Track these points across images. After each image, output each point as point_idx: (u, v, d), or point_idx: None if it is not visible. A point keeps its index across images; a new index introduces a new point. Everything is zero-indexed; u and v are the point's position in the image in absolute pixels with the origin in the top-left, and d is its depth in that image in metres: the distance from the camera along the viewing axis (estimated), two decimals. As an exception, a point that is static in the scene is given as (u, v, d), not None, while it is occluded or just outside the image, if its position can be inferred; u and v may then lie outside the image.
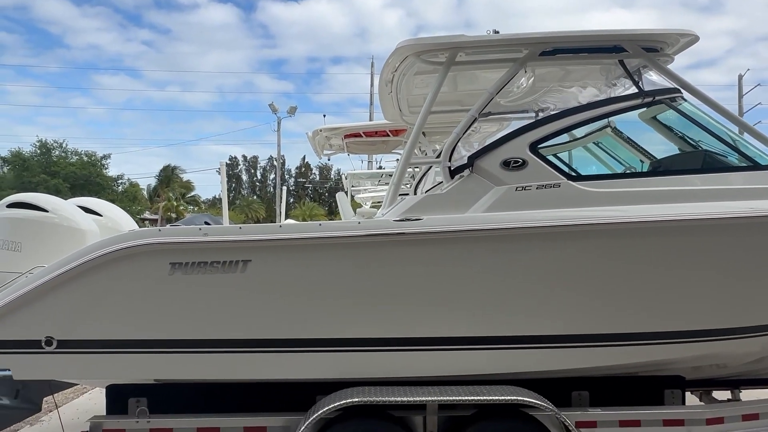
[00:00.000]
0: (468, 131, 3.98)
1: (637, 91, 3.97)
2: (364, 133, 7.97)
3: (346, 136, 7.97)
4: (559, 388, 3.88)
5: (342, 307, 3.64)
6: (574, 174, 3.81)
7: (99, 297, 3.61)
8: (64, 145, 42.09)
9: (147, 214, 55.07)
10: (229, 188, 79.13)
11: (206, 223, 6.58)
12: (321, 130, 7.81)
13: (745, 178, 3.82)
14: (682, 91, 4.00)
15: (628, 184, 3.80)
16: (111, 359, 3.67)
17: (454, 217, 3.60)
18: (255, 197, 74.49)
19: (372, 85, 41.24)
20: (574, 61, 4.18)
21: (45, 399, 4.53)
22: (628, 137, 4.37)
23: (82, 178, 39.68)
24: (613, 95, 4.21)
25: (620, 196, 3.67)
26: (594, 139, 4.69)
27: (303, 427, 3.47)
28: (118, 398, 4.04)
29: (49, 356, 3.66)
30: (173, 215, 56.90)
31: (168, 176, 58.69)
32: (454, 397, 3.49)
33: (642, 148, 4.62)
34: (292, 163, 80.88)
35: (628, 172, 4.36)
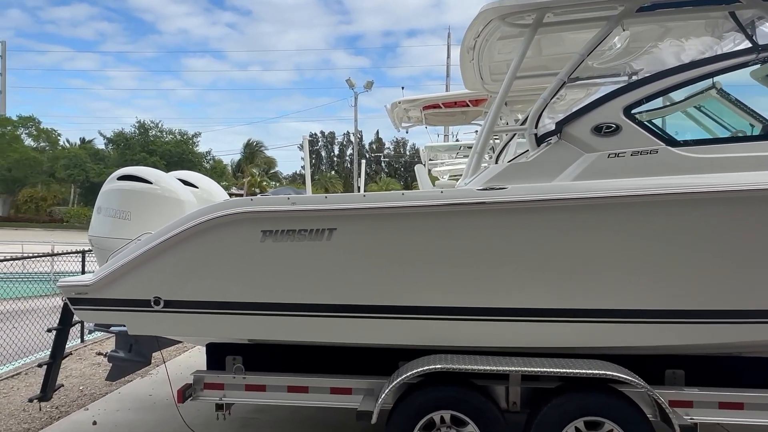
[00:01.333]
0: (555, 97, 3.80)
1: (750, 45, 3.59)
2: (443, 104, 7.83)
3: (425, 108, 7.89)
4: (652, 366, 3.71)
5: (423, 275, 3.67)
6: (673, 139, 3.54)
7: (198, 261, 3.88)
8: (159, 125, 45.18)
9: (234, 189, 58.10)
10: (310, 164, 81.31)
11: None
12: (399, 103, 7.78)
13: None
14: None
15: (737, 149, 3.48)
16: (209, 320, 3.96)
17: (541, 186, 3.49)
18: (332, 173, 76.21)
19: (449, 56, 40.41)
20: (676, 16, 3.84)
21: (153, 354, 5.00)
22: (736, 99, 3.97)
23: (176, 155, 42.52)
24: (719, 52, 3.85)
25: (726, 162, 3.37)
26: (696, 102, 4.31)
27: (387, 390, 3.58)
28: (217, 355, 4.38)
29: (157, 314, 4.01)
30: (257, 190, 59.70)
31: (252, 152, 61.26)
32: (545, 369, 3.45)
33: (753, 110, 4.19)
34: (367, 138, 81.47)
35: (735, 136, 3.98)
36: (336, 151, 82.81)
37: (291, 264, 3.79)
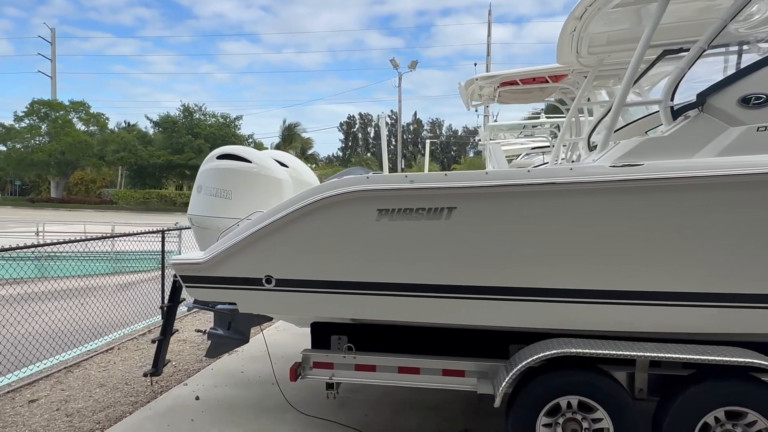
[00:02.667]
0: (692, 66, 3.54)
1: None
2: (520, 80, 7.55)
3: (501, 84, 7.63)
4: None
5: (546, 256, 3.53)
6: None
7: (312, 240, 3.85)
8: (203, 109, 45.93)
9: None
10: (346, 146, 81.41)
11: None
12: (477, 79, 7.53)
13: None
14: None
15: None
16: (320, 299, 3.93)
17: (683, 162, 3.27)
18: (369, 155, 76.17)
19: (489, 35, 39.30)
20: None
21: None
22: None
23: (220, 138, 43.18)
24: None
25: None
26: None
27: (515, 372, 3.47)
28: (322, 335, 4.38)
29: (268, 293, 4.01)
30: (295, 172, 60.36)
31: (290, 134, 61.71)
32: (690, 356, 3.27)
33: None
34: (405, 119, 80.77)
35: None
36: (372, 133, 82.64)
37: (407, 243, 3.71)
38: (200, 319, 7.98)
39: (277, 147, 61.80)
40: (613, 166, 3.38)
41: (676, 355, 3.28)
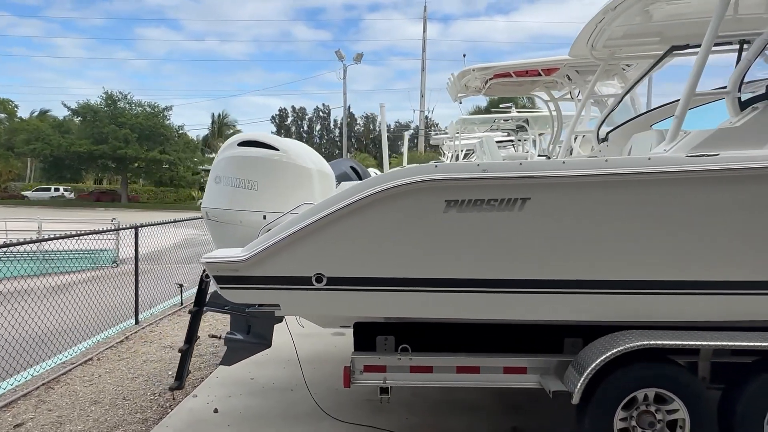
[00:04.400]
0: (759, 57, 3.60)
1: None
2: (514, 72, 7.55)
3: (495, 76, 7.59)
4: None
5: (622, 248, 3.46)
6: None
7: (371, 234, 3.55)
8: (128, 97, 42.94)
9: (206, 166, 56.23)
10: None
11: (352, 168, 6.53)
12: (473, 70, 7.44)
13: None
14: None
15: None
16: (378, 297, 3.64)
17: (760, 153, 3.30)
18: (302, 148, 74.71)
19: (425, 30, 39.74)
20: None
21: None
22: None
23: (148, 129, 40.58)
24: None
25: None
26: None
27: (593, 367, 3.36)
28: (366, 335, 4.08)
29: (318, 293, 3.66)
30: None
31: (220, 127, 59.28)
32: None
33: None
34: (335, 114, 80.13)
35: None
36: (306, 127, 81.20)
37: (476, 236, 3.50)
38: (208, 322, 7.34)
39: (206, 140, 59.21)
40: (690, 156, 3.37)
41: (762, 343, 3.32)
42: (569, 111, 10.61)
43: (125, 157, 39.55)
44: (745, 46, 5.41)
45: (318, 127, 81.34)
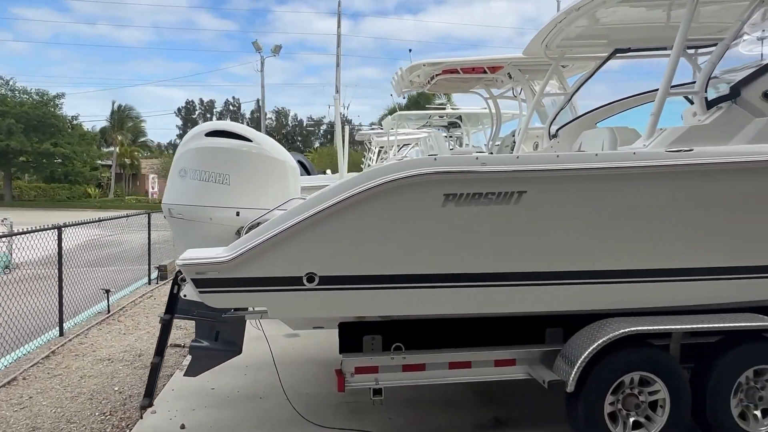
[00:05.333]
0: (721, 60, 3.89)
1: None
2: (461, 69, 7.65)
3: (444, 72, 7.65)
4: None
5: (609, 238, 3.60)
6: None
7: (367, 230, 3.40)
8: (11, 83, 38.41)
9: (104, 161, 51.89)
10: (185, 133, 75.25)
11: (299, 162, 6.34)
12: (424, 65, 7.42)
13: None
14: None
15: None
16: (374, 296, 3.51)
17: (732, 148, 3.57)
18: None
19: (339, 26, 39.38)
20: None
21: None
22: None
23: (36, 119, 36.57)
24: None
25: None
26: None
27: (586, 355, 3.47)
28: (352, 336, 3.92)
29: (310, 293, 3.45)
30: (127, 161, 53.93)
31: (121, 118, 54.96)
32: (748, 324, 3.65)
33: None
34: (246, 107, 77.42)
35: None
36: (215, 120, 77.75)
37: (473, 230, 3.48)
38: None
39: (103, 132, 54.57)
40: (669, 151, 3.57)
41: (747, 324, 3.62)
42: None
43: (7, 150, 35.28)
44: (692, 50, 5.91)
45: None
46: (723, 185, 3.59)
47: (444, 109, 12.04)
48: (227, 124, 4.09)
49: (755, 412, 3.76)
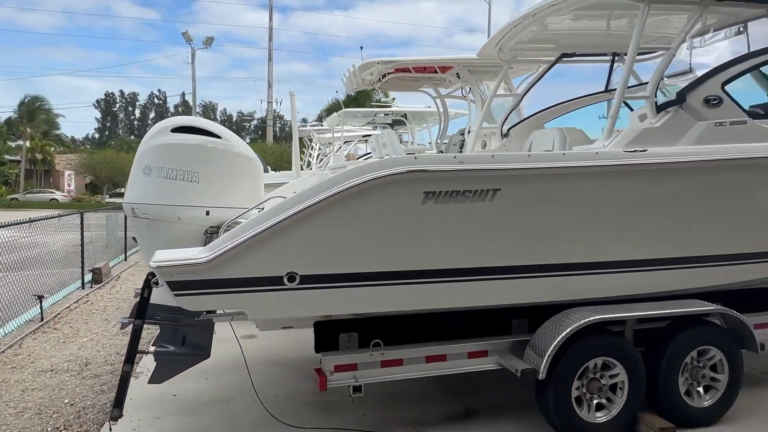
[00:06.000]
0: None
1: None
2: (413, 68, 7.77)
3: (396, 70, 7.72)
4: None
5: (572, 233, 3.81)
6: (755, 112, 4.26)
7: (348, 228, 3.41)
8: None
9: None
10: (104, 126, 70.76)
11: None
12: (378, 63, 7.46)
13: None
14: None
15: None
16: (354, 293, 3.52)
17: (683, 149, 3.89)
18: (133, 137, 67.79)
19: (270, 19, 38.58)
20: (745, 8, 4.54)
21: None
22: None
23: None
24: None
25: None
26: None
27: (556, 344, 3.66)
28: (328, 334, 3.91)
29: (290, 293, 3.41)
30: (39, 156, 49.95)
31: (31, 110, 50.82)
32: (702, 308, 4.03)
33: None
34: (171, 101, 74.13)
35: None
36: (139, 114, 73.60)
37: (450, 227, 3.58)
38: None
39: (9, 124, 50.17)
40: (627, 151, 3.84)
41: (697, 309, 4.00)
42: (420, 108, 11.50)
43: None
44: (616, 57, 6.35)
45: (152, 115, 74.29)
46: (670, 183, 3.92)
47: (389, 106, 12.17)
48: (194, 120, 3.94)
49: (698, 389, 4.14)
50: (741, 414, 4.20)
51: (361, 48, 9.88)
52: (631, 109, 4.68)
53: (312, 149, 17.67)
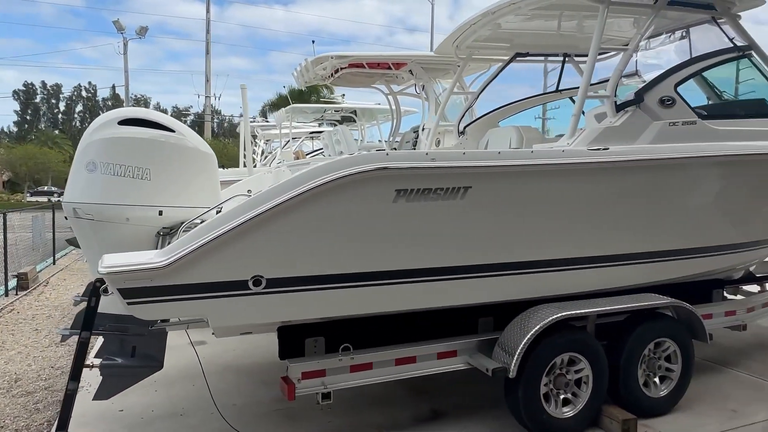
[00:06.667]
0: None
1: (731, 46, 4.71)
2: (367, 63, 7.65)
3: (350, 66, 7.58)
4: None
5: (542, 230, 3.83)
6: (702, 113, 4.45)
7: (317, 228, 3.24)
8: None
9: None
10: (24, 120, 65.69)
11: None
12: (332, 57, 7.27)
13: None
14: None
15: (740, 124, 4.53)
16: (323, 296, 3.36)
17: (641, 147, 4.00)
18: (57, 131, 63.36)
19: (208, 11, 36.99)
20: (687, 14, 4.74)
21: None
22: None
23: None
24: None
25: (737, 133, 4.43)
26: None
27: (526, 341, 3.66)
28: (294, 340, 3.73)
29: (255, 298, 3.21)
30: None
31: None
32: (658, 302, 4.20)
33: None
34: (100, 94, 69.93)
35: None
36: (63, 107, 68.74)
37: (421, 226, 3.49)
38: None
39: None
40: (590, 149, 3.90)
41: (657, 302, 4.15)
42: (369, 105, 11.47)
43: None
44: (567, 58, 6.52)
45: (79, 108, 69.69)
46: (630, 181, 4.02)
47: (337, 103, 11.94)
48: (144, 112, 3.62)
49: (655, 379, 4.29)
50: (692, 401, 4.39)
51: (313, 42, 9.66)
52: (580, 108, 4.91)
53: (257, 146, 17.17)
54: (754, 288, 5.83)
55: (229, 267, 3.11)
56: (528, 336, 3.69)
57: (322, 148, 13.91)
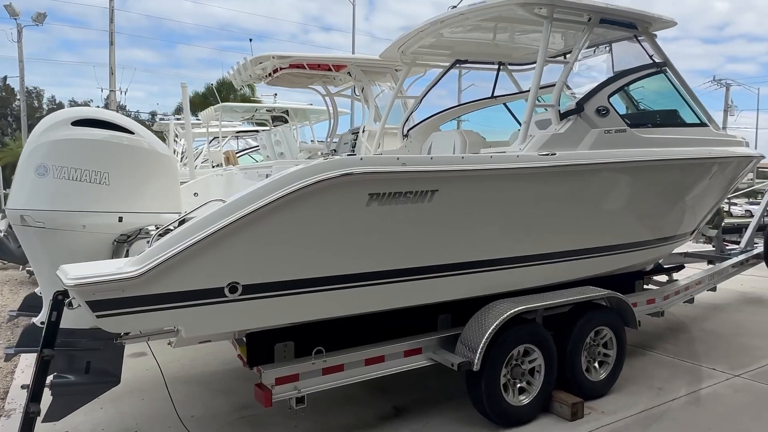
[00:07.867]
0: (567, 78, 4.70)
1: (650, 62, 5.26)
2: (308, 64, 7.61)
3: (291, 66, 7.50)
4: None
5: (501, 231, 4.08)
6: (632, 122, 4.92)
7: (294, 233, 3.24)
8: None
9: None
10: None
11: None
12: (274, 57, 7.14)
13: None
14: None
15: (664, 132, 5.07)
16: (300, 301, 3.37)
17: (584, 153, 4.35)
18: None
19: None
20: (612, 31, 5.22)
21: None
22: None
23: None
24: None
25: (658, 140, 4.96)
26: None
27: (488, 335, 3.87)
28: (262, 346, 3.68)
29: (231, 305, 3.16)
30: None
31: None
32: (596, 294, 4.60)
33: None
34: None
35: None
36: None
37: (392, 229, 3.59)
38: None
39: None
40: (541, 154, 4.19)
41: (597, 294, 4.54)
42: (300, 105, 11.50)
43: None
44: (501, 66, 6.90)
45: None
46: (573, 184, 4.38)
47: (260, 102, 11.66)
48: (99, 112, 3.40)
49: (595, 365, 4.70)
50: (624, 383, 4.85)
51: (251, 40, 9.42)
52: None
53: (174, 144, 16.35)
54: (662, 278, 6.51)
55: (204, 275, 3.02)
56: (489, 331, 3.91)
57: (248, 149, 13.56)
